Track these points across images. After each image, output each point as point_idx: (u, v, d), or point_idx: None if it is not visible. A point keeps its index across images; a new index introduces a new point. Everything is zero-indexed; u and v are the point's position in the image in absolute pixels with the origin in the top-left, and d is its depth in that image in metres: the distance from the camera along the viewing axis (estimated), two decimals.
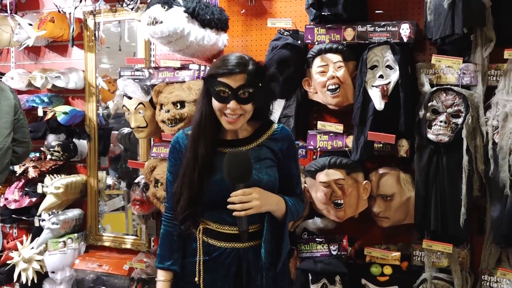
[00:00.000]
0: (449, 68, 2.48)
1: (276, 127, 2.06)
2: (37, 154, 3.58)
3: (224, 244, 1.99)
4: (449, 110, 2.42)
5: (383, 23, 2.53)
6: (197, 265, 2.01)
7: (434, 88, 2.47)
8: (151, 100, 3.03)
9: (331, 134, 2.66)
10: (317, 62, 2.61)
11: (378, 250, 2.60)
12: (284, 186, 2.07)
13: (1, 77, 3.19)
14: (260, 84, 1.91)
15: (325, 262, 2.61)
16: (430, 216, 2.46)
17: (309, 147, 2.70)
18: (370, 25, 2.55)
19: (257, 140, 2.02)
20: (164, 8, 2.74)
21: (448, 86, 2.45)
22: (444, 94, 2.44)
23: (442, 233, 2.45)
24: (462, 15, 2.31)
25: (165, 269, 2.05)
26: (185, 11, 2.75)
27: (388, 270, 2.60)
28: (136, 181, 3.15)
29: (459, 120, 2.41)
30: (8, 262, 3.51)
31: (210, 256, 2.01)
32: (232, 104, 1.87)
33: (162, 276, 2.06)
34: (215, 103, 1.92)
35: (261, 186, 1.94)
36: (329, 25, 2.62)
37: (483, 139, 2.41)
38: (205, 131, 1.95)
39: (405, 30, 2.49)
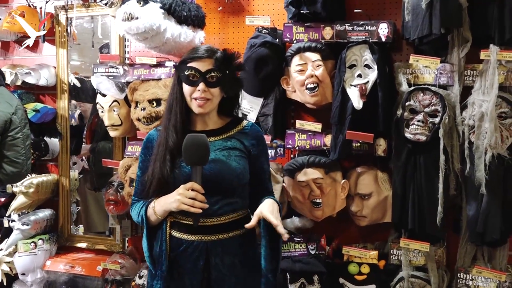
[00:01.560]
0: (427, 68, 2.50)
1: (246, 123, 2.14)
2: None
3: (191, 237, 2.00)
4: (427, 109, 2.44)
5: (361, 22, 2.53)
6: (164, 259, 2.00)
7: (412, 88, 2.48)
8: (126, 98, 2.97)
9: (310, 133, 2.65)
10: (296, 60, 2.60)
11: (356, 249, 2.60)
12: (257, 182, 2.13)
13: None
14: (227, 71, 2.01)
15: (303, 261, 2.60)
16: (407, 215, 2.48)
17: (287, 146, 2.69)
18: (348, 24, 2.55)
19: (227, 132, 2.10)
20: (140, 3, 2.68)
21: (426, 86, 2.46)
22: (422, 94, 2.45)
23: (419, 232, 2.47)
24: (439, 16, 2.33)
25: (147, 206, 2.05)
26: (161, 7, 2.70)
27: (365, 269, 2.60)
28: (110, 180, 3.08)
29: (436, 120, 2.42)
30: None
31: (177, 251, 2.01)
32: (201, 85, 1.97)
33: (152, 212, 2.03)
34: (186, 88, 2.02)
35: (229, 171, 1.99)
36: (307, 24, 2.61)
37: (460, 139, 2.44)
38: (175, 116, 2.03)
39: (383, 29, 2.49)
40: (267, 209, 1.95)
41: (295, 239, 2.66)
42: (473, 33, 2.40)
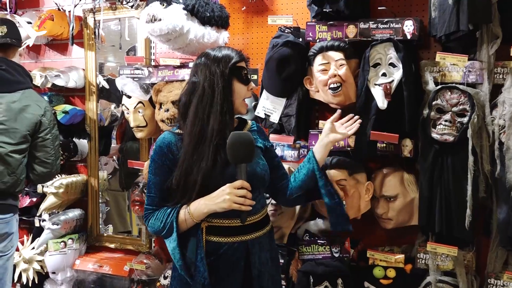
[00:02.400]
0: (454, 66, 2.41)
1: (251, 122, 2.22)
2: None
3: (232, 239, 1.99)
4: (454, 109, 2.36)
5: (386, 19, 2.46)
6: (205, 265, 1.96)
7: (439, 87, 2.40)
8: (150, 99, 2.99)
9: None
10: (319, 60, 2.55)
11: (380, 253, 2.54)
12: (277, 169, 2.25)
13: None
14: None
15: (326, 264, 2.56)
16: (434, 218, 2.40)
17: (310, 146, 2.64)
18: (372, 22, 2.48)
19: None
20: (163, 5, 2.68)
21: (453, 85, 2.38)
22: (449, 93, 2.37)
23: (447, 235, 2.39)
24: (467, 11, 2.24)
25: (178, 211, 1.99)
26: (184, 8, 2.69)
27: (391, 273, 2.54)
28: (136, 181, 3.10)
29: (465, 120, 2.34)
30: None
31: (215, 255, 1.98)
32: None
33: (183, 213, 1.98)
34: (240, 88, 2.04)
35: (261, 167, 2.06)
36: (330, 22, 2.56)
37: (489, 139, 2.35)
38: (229, 116, 1.99)
39: (408, 27, 2.42)
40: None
41: (318, 241, 2.61)
42: (504, 28, 2.30)
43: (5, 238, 2.83)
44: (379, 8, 2.55)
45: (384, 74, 2.44)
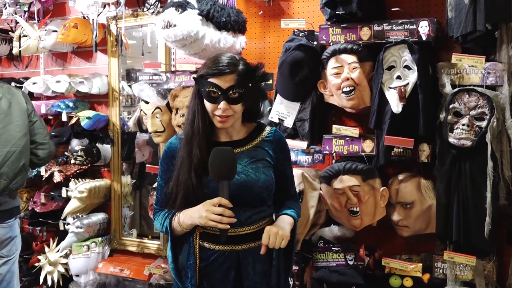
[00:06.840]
0: (473, 68, 2.32)
1: (269, 130, 2.07)
2: (64, 159, 3.63)
3: (222, 247, 1.95)
4: (472, 112, 2.26)
5: (400, 21, 2.39)
6: (193, 271, 1.95)
7: (456, 89, 2.31)
8: (168, 104, 3.01)
9: (347, 138, 2.54)
10: (332, 63, 2.50)
11: (396, 261, 2.46)
12: (280, 187, 2.08)
13: (23, 83, 3.26)
14: (250, 85, 1.92)
15: (340, 272, 2.50)
16: (452, 226, 2.31)
17: (324, 152, 2.59)
18: (386, 24, 2.42)
19: (251, 142, 2.02)
20: (178, 11, 2.69)
21: (471, 87, 2.29)
22: (467, 96, 2.28)
23: (465, 244, 2.29)
24: (484, 11, 2.15)
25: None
26: (199, 14, 2.70)
27: (408, 283, 2.46)
28: (154, 186, 3.12)
29: (483, 123, 2.24)
30: (36, 264, 3.58)
31: (207, 261, 1.96)
32: (223, 104, 1.87)
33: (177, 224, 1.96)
34: (207, 104, 1.93)
35: (258, 185, 1.94)
36: (344, 25, 2.51)
37: (510, 144, 2.24)
38: (198, 130, 1.95)
39: (423, 28, 2.34)
40: (268, 229, 1.89)
41: (333, 248, 2.56)
42: None
43: (9, 242, 2.89)
44: (392, 9, 2.47)
45: (398, 77, 2.37)
